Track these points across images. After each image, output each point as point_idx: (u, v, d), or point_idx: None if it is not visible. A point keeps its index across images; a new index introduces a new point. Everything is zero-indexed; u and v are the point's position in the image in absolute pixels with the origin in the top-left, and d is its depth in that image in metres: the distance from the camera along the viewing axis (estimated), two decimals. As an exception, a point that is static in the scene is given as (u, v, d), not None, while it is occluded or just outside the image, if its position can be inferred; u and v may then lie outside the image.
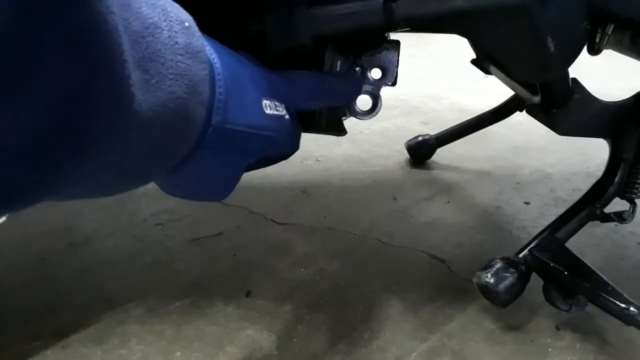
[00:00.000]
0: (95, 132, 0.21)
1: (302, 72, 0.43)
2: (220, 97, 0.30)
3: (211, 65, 0.30)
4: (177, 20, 0.25)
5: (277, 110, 0.37)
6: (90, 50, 0.19)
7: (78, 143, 0.20)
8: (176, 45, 0.24)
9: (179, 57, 0.25)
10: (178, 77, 0.25)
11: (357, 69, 0.49)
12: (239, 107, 0.33)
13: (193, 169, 0.32)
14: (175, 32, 0.24)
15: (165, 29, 0.24)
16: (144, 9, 0.22)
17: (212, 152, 0.31)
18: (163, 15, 0.24)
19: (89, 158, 0.21)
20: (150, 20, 0.23)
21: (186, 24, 0.26)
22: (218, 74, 0.30)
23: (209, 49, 0.30)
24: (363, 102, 0.50)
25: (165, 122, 0.24)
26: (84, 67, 0.19)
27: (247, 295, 0.69)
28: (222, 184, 0.37)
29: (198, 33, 0.27)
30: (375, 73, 0.50)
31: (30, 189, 0.20)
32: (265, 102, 0.36)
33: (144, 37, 0.22)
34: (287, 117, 0.39)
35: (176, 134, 0.27)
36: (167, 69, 0.24)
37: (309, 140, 1.14)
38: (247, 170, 0.41)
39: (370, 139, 1.21)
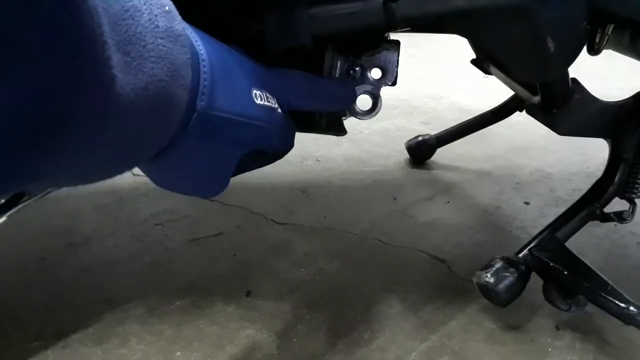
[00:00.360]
0: (77, 115, 0.20)
1: (294, 71, 0.43)
2: (205, 82, 0.30)
3: (194, 50, 0.30)
4: (157, 4, 0.25)
5: (268, 102, 0.37)
6: (70, 30, 0.18)
7: (61, 127, 0.20)
8: (157, 29, 0.24)
9: (159, 40, 0.25)
10: (159, 60, 0.25)
11: (357, 69, 0.49)
12: (227, 94, 0.32)
13: (179, 155, 0.31)
14: (156, 15, 0.24)
15: (146, 12, 0.24)
16: None
17: (197, 139, 0.31)
18: None
19: (72, 142, 0.21)
20: (130, 4, 0.23)
21: (166, 7, 0.26)
22: (203, 60, 0.30)
23: (192, 35, 0.30)
24: (363, 102, 0.50)
25: (147, 105, 0.24)
26: (64, 48, 0.19)
27: (247, 295, 0.69)
28: (211, 175, 0.37)
29: (178, 17, 0.27)
30: (375, 73, 0.50)
31: (15, 175, 0.20)
32: (255, 92, 0.36)
33: (124, 19, 0.22)
34: (279, 110, 0.39)
35: (159, 118, 0.27)
36: (148, 52, 0.24)
37: (309, 140, 1.14)
38: (243, 170, 0.41)
39: (370, 139, 1.21)
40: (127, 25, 0.22)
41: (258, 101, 0.36)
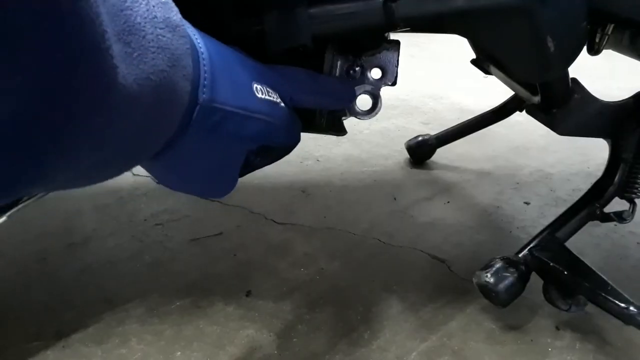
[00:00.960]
0: (81, 108, 0.20)
1: (294, 67, 0.43)
2: (206, 75, 0.30)
3: (192, 43, 0.30)
4: None
5: (269, 96, 0.37)
6: (68, 20, 0.18)
7: (64, 121, 0.20)
8: (155, 19, 0.24)
9: (159, 30, 0.25)
10: (160, 50, 0.25)
11: (357, 69, 0.49)
12: (228, 87, 0.33)
13: (184, 150, 0.31)
14: (153, 6, 0.25)
15: (143, 2, 0.24)
16: None
17: (201, 133, 0.31)
18: None
19: (76, 138, 0.21)
20: None
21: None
22: (202, 53, 0.31)
23: (190, 29, 0.31)
24: (363, 102, 0.50)
25: (150, 96, 0.24)
26: (63, 38, 0.18)
27: (247, 295, 0.69)
28: (217, 173, 0.36)
29: (175, 9, 0.27)
30: (375, 73, 0.50)
31: (19, 175, 0.20)
32: (257, 86, 0.36)
33: (122, 10, 0.22)
34: (282, 104, 0.39)
35: (162, 109, 0.27)
36: (149, 42, 0.24)
37: (309, 140, 1.14)
38: (251, 169, 0.41)
39: (370, 139, 1.21)
40: (126, 15, 0.22)
41: (259, 95, 0.36)
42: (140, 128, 0.26)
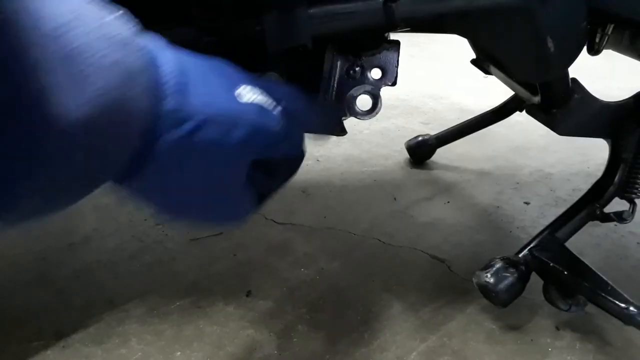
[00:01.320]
0: (20, 144, 0.20)
1: (278, 80, 0.42)
2: (170, 84, 0.29)
3: (152, 55, 0.29)
4: (102, 13, 0.25)
5: (258, 101, 0.35)
6: None
7: (7, 161, 0.20)
8: (104, 36, 0.24)
9: (109, 47, 0.24)
10: (111, 66, 0.24)
11: (357, 69, 0.49)
12: (201, 93, 0.31)
13: (163, 164, 0.30)
14: (102, 23, 0.24)
15: (91, 21, 0.23)
16: (62, 2, 0.22)
17: (178, 142, 0.30)
18: (87, 7, 0.24)
19: (22, 175, 0.21)
20: (72, 15, 0.22)
21: (112, 16, 0.25)
22: (164, 64, 0.29)
23: (150, 41, 0.29)
24: (363, 102, 0.50)
25: (103, 116, 0.24)
26: None
27: (247, 295, 0.69)
28: (215, 189, 0.34)
29: (129, 24, 0.26)
30: (375, 73, 0.50)
31: None
32: (240, 92, 0.34)
33: (67, 31, 0.21)
34: (276, 109, 0.37)
35: (117, 127, 0.26)
36: (98, 61, 0.23)
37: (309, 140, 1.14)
38: (267, 191, 0.39)
39: (370, 139, 1.21)
40: (70, 37, 0.22)
41: (244, 100, 0.34)
42: (95, 149, 0.25)
